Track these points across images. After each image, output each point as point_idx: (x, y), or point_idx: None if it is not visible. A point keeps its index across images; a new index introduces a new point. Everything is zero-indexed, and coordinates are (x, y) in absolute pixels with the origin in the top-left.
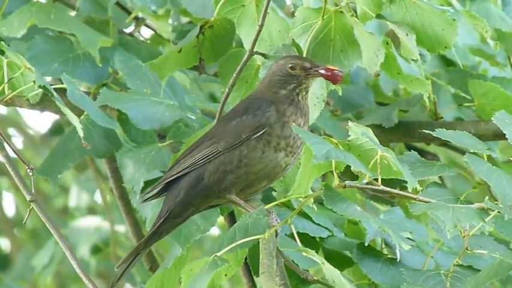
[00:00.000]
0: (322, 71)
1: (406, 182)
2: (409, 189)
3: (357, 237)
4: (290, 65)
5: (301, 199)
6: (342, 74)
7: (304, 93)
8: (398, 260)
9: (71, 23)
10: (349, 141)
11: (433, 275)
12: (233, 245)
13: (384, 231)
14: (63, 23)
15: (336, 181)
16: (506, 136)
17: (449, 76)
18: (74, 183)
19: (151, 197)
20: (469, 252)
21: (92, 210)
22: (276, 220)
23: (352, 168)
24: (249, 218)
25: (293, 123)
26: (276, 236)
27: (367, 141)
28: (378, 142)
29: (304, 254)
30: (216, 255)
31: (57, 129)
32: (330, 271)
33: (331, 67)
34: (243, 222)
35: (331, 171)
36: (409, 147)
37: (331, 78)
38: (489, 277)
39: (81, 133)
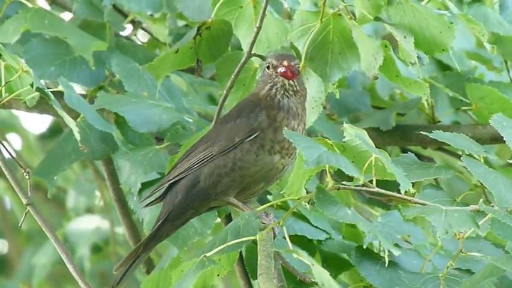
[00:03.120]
0: (280, 69)
1: None
2: (402, 192)
3: (355, 239)
4: (267, 64)
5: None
6: (296, 72)
7: (282, 91)
8: (386, 265)
9: (65, 27)
10: (344, 142)
11: (432, 278)
12: (223, 245)
13: (375, 236)
14: (57, 28)
15: (330, 183)
16: (504, 138)
17: (446, 80)
18: (72, 184)
19: (152, 201)
20: (463, 254)
21: (90, 210)
22: (274, 222)
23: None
24: (241, 220)
25: (285, 128)
26: (274, 237)
27: (362, 143)
28: (373, 144)
29: (296, 255)
30: (205, 256)
31: (55, 130)
32: (319, 273)
33: (286, 64)
34: (235, 224)
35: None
36: (405, 152)
37: (285, 75)
38: (484, 278)
39: (78, 137)
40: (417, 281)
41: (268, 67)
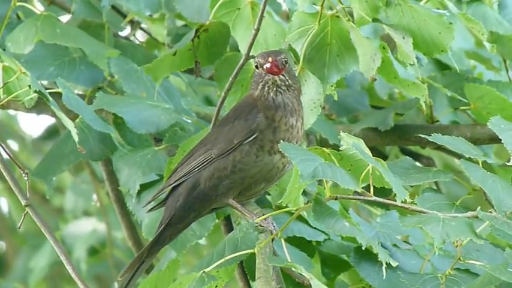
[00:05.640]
0: (267, 65)
1: None
2: (398, 202)
3: (354, 240)
4: (255, 64)
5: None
6: (282, 66)
7: (274, 88)
8: (384, 277)
9: (77, 36)
10: (341, 151)
11: (431, 278)
12: (222, 260)
13: (372, 246)
14: (70, 37)
15: (327, 192)
16: (502, 141)
17: (445, 79)
18: (69, 186)
19: (154, 206)
20: (461, 261)
21: (87, 212)
22: (273, 224)
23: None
24: (239, 232)
25: (284, 126)
26: (272, 240)
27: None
28: (370, 152)
29: (299, 257)
30: (204, 272)
31: (52, 132)
32: (318, 287)
33: (271, 59)
34: (233, 236)
35: None
36: (404, 151)
37: (271, 71)
38: (483, 285)
39: (76, 138)
40: (416, 282)
41: (256, 67)
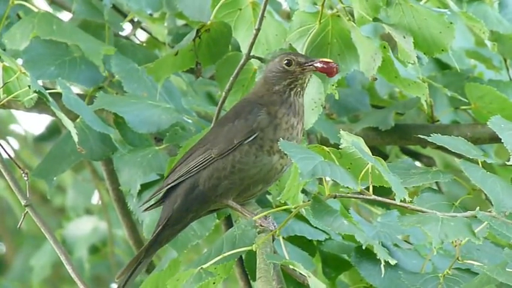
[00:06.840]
0: (318, 64)
1: None
2: (397, 201)
3: (355, 240)
4: (286, 61)
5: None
6: (337, 66)
7: (299, 89)
8: (382, 276)
9: (73, 32)
10: (340, 149)
11: (431, 278)
12: (220, 257)
13: (371, 245)
14: (66, 33)
15: (326, 191)
16: (502, 141)
17: (445, 79)
18: (71, 184)
19: (151, 205)
20: (460, 261)
21: (88, 211)
22: (273, 224)
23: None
24: (237, 229)
25: (285, 124)
26: (273, 240)
27: (358, 151)
28: (369, 151)
29: (300, 257)
30: (202, 268)
31: (54, 130)
32: (316, 284)
33: (326, 60)
34: (230, 234)
35: None
36: (405, 150)
37: (327, 70)
38: (481, 284)
39: (75, 138)
40: (417, 281)
41: (288, 64)
